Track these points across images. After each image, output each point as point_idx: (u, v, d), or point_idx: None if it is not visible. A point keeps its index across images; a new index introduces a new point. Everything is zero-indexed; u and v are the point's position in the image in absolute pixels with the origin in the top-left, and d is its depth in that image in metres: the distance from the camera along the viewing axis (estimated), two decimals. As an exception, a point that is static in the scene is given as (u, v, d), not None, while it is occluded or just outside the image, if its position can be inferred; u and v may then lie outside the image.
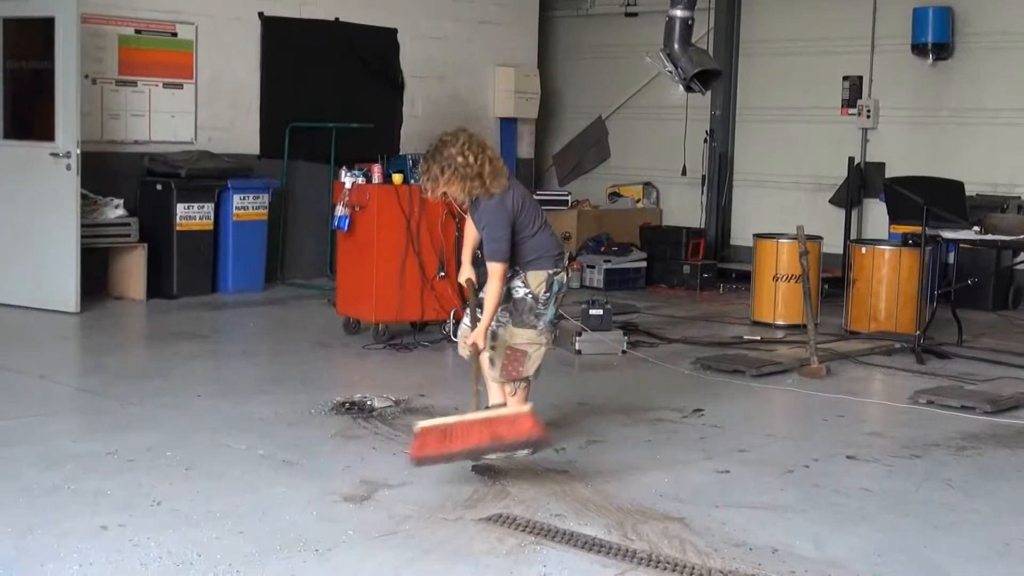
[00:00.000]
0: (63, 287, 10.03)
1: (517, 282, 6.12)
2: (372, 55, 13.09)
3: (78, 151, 9.94)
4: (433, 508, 5.27)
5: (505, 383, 6.16)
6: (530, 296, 6.09)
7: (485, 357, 6.08)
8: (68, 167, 9.95)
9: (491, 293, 5.94)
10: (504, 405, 6.13)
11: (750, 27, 14.02)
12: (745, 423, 7.10)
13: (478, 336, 5.94)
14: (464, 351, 6.24)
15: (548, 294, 6.11)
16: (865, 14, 13.03)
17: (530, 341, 6.11)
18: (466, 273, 6.26)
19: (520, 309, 6.10)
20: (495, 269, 5.94)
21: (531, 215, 6.10)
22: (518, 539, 4.93)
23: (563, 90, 15.69)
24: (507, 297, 6.12)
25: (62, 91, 10.00)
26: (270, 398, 7.29)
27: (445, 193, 6.05)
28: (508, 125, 14.40)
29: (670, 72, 8.27)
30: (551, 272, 6.11)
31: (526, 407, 5.71)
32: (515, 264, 6.10)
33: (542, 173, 15.72)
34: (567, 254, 6.28)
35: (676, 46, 8.23)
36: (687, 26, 8.28)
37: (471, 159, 5.92)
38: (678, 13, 8.23)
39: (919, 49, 12.45)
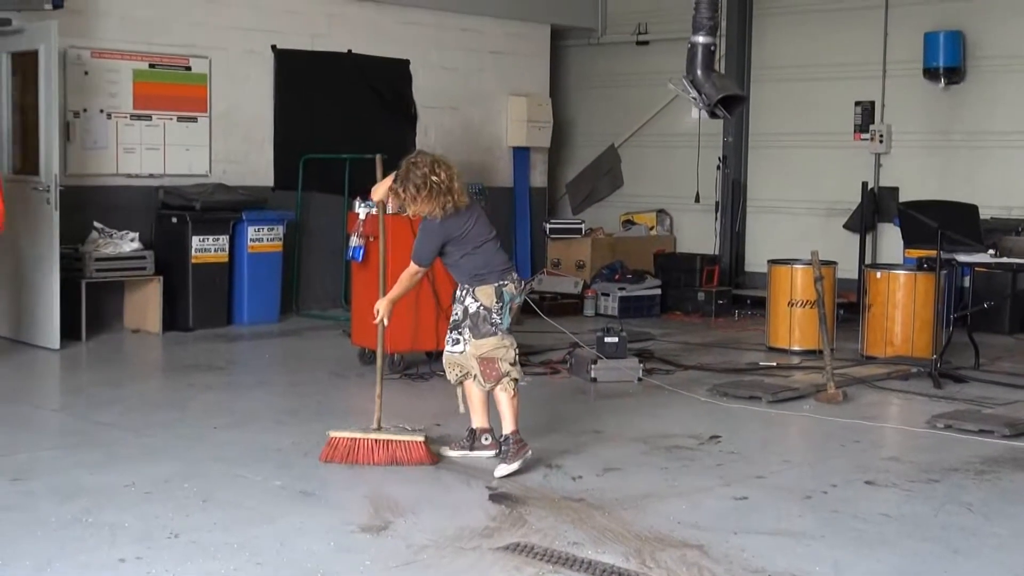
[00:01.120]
0: (45, 323, 9.98)
1: (469, 299, 6.51)
2: (385, 86, 13.15)
3: (58, 186, 9.84)
4: (450, 537, 5.26)
5: (494, 387, 6.51)
6: (482, 308, 6.48)
7: (470, 383, 6.61)
8: (48, 201, 9.91)
9: (402, 277, 6.60)
10: (486, 430, 6.68)
11: (761, 53, 14.05)
12: (762, 449, 7.08)
13: (382, 304, 6.59)
14: (451, 376, 6.68)
15: (500, 303, 6.49)
16: (876, 39, 13.06)
17: (496, 346, 6.49)
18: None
19: (476, 322, 6.49)
20: (411, 268, 6.59)
21: (477, 232, 6.50)
22: (536, 568, 4.91)
23: (575, 119, 15.73)
24: (463, 314, 6.52)
25: (44, 124, 9.97)
26: (286, 428, 7.29)
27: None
28: (521, 154, 14.43)
29: (694, 98, 8.30)
30: (498, 284, 6.49)
31: (420, 436, 6.50)
32: (464, 282, 6.54)
33: (555, 202, 15.75)
34: (514, 268, 6.68)
35: (699, 72, 8.26)
36: (709, 52, 8.31)
37: (442, 176, 6.39)
38: (700, 39, 8.26)
39: (931, 73, 12.47)
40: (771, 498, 6.00)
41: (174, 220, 11.06)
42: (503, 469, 6.31)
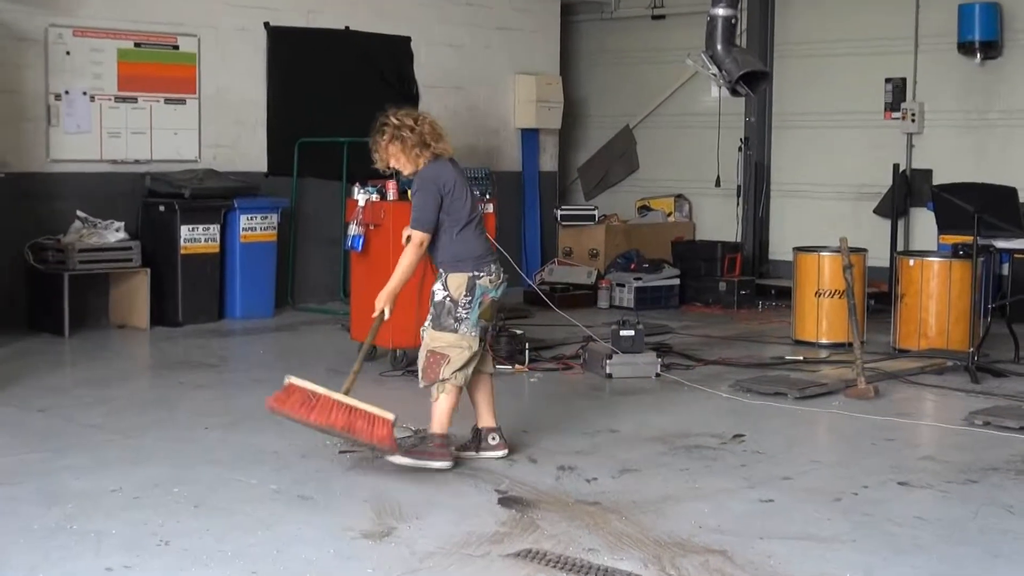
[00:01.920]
0: None
1: (437, 285, 6.50)
2: (385, 65, 13.14)
3: None
4: (457, 544, 5.26)
5: (427, 386, 6.49)
6: (448, 299, 6.43)
7: (476, 379, 6.59)
8: None
9: (405, 259, 6.47)
10: (493, 429, 6.64)
11: (785, 28, 14.02)
12: (789, 449, 7.08)
13: (381, 298, 6.47)
14: (422, 382, 6.57)
15: (469, 298, 6.42)
16: (907, 12, 13.02)
17: (451, 344, 6.45)
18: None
19: (439, 312, 6.46)
20: (416, 237, 6.44)
21: (463, 205, 6.47)
22: None
23: (587, 98, 15.72)
24: (430, 299, 6.52)
25: None
26: (282, 429, 7.28)
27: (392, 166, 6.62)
28: (530, 136, 14.42)
29: (713, 75, 8.28)
30: (472, 275, 6.44)
31: (391, 415, 6.19)
32: (440, 267, 6.52)
33: (567, 187, 15.74)
34: (494, 260, 6.57)
35: (719, 47, 8.23)
36: (730, 25, 8.28)
37: (408, 122, 6.49)
38: (720, 12, 8.22)
39: (966, 48, 12.43)
40: (798, 500, 6.00)
41: (162, 208, 11.07)
42: (398, 458, 6.31)
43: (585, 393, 8.60)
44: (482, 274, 6.47)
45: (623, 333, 9.09)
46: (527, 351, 9.35)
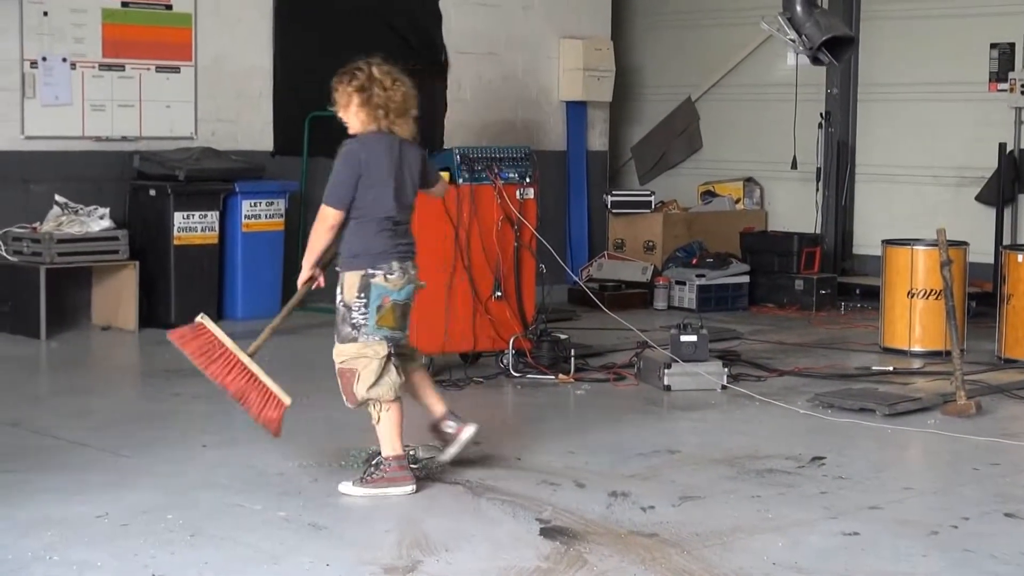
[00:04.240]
0: None
1: (337, 288, 6.56)
2: (409, 28, 13.15)
3: None
4: (493, 581, 5.29)
5: (356, 408, 6.58)
6: (342, 304, 6.51)
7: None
8: None
9: (315, 233, 6.52)
10: (445, 415, 6.68)
11: (874, -16, 13.99)
12: (877, 474, 7.07)
13: (304, 272, 6.63)
14: (347, 403, 6.65)
15: (364, 300, 6.45)
16: (1018, -36, 12.98)
17: (355, 356, 6.50)
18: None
19: (336, 321, 6.58)
20: (326, 214, 6.46)
21: (377, 193, 6.46)
22: (598, 618, 4.94)
23: (643, 67, 15.71)
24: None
25: None
26: (291, 448, 7.33)
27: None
28: (576, 110, 14.42)
29: (792, 41, 8.30)
30: (365, 273, 6.45)
31: (288, 399, 6.46)
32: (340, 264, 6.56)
33: (618, 169, 15.74)
34: (402, 258, 6.51)
35: (799, 9, 8.26)
36: None
37: (386, 81, 6.61)
38: None
39: (1087, 6, 12.38)
40: (888, 534, 5.99)
41: (152, 193, 11.14)
42: (355, 490, 6.44)
43: (640, 408, 8.60)
44: (377, 272, 6.45)
45: (684, 339, 9.09)
46: (572, 359, 9.36)
